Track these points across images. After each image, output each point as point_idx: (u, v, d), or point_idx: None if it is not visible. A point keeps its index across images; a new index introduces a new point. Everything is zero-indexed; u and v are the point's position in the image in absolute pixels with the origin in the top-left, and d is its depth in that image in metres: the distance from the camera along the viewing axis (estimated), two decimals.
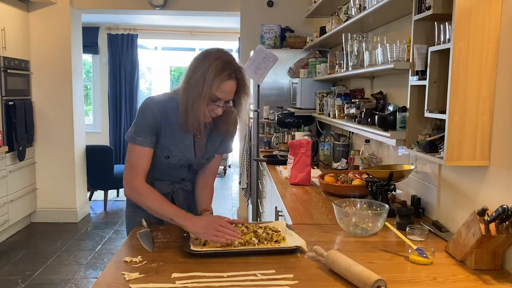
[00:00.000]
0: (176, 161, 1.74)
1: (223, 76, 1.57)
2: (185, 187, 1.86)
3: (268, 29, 4.36)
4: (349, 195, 2.23)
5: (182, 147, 1.73)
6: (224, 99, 1.62)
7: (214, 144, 1.81)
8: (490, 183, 1.54)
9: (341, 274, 1.32)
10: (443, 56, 1.60)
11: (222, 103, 1.63)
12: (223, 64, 1.58)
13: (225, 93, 1.60)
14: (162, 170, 1.77)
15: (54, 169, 4.91)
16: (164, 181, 1.80)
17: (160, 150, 1.71)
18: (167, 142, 1.70)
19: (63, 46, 4.79)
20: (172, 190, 1.82)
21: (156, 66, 8.59)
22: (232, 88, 1.61)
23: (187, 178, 1.85)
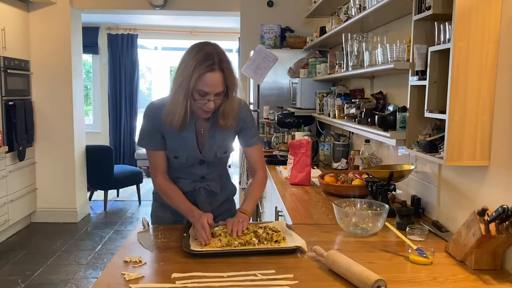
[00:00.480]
0: (185, 160, 1.76)
1: (202, 67, 1.54)
2: (208, 186, 1.85)
3: (268, 29, 4.36)
4: (349, 195, 2.23)
5: (186, 146, 1.74)
6: (211, 92, 1.58)
7: (220, 135, 1.76)
8: (490, 183, 1.54)
9: (341, 274, 1.32)
10: (443, 56, 1.60)
11: (211, 97, 1.59)
12: (204, 56, 1.55)
13: (208, 85, 1.56)
14: (180, 169, 1.80)
15: (54, 169, 4.91)
16: (185, 179, 1.83)
17: (169, 152, 1.77)
18: (172, 143, 1.75)
19: (63, 46, 4.79)
20: (194, 188, 1.83)
21: (156, 66, 8.59)
22: (215, 80, 1.56)
23: (208, 177, 1.84)
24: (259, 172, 1.86)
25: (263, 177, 1.87)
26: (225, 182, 1.94)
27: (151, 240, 1.63)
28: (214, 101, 1.60)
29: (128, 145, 7.64)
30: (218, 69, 1.56)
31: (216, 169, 1.85)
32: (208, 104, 1.60)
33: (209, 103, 1.60)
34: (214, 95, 1.59)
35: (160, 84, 8.58)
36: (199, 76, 1.55)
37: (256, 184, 1.85)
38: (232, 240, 1.55)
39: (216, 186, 1.86)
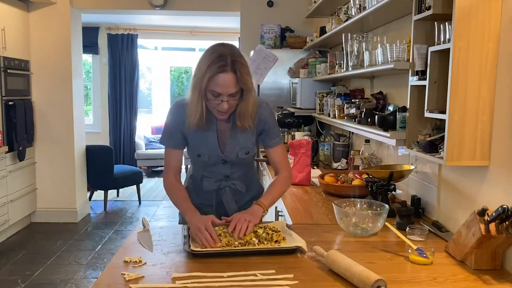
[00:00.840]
0: (207, 159, 1.77)
1: (214, 68, 1.55)
2: (233, 185, 1.85)
3: (268, 29, 4.36)
4: (349, 195, 2.23)
5: (207, 145, 1.76)
6: (223, 93, 1.58)
7: (242, 136, 1.76)
8: (490, 183, 1.54)
9: (341, 274, 1.32)
10: (443, 56, 1.60)
11: (225, 98, 1.59)
12: (217, 57, 1.56)
13: (220, 86, 1.57)
14: (204, 167, 1.83)
15: (54, 169, 4.90)
16: (210, 178, 1.84)
17: (192, 150, 1.80)
18: (193, 142, 1.78)
19: (63, 46, 4.79)
20: (218, 187, 1.84)
21: (156, 66, 8.59)
22: (226, 81, 1.56)
23: (232, 176, 1.84)
24: (283, 171, 1.84)
25: (286, 176, 1.84)
26: (251, 182, 1.94)
27: (151, 240, 1.63)
28: (227, 102, 1.60)
29: (128, 145, 7.64)
30: (230, 70, 1.56)
31: (240, 169, 1.85)
32: (221, 104, 1.60)
33: (223, 103, 1.60)
34: (228, 96, 1.59)
35: (160, 84, 8.58)
36: (211, 76, 1.56)
37: (277, 181, 1.82)
38: (232, 240, 1.55)
39: (241, 185, 1.87)
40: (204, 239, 1.51)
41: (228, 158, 1.78)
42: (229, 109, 1.64)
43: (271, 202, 1.76)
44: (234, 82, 1.57)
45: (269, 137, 1.81)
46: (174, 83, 9.15)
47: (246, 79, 1.59)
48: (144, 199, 6.08)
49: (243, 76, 1.58)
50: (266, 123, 1.78)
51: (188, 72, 9.11)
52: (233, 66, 1.56)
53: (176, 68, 9.15)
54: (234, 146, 1.76)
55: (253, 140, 1.80)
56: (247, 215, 1.62)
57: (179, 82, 9.37)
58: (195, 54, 8.41)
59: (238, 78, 1.57)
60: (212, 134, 1.75)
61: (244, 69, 1.59)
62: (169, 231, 1.73)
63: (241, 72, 1.57)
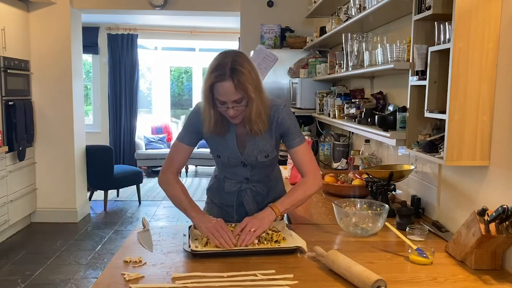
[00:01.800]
0: (227, 160, 1.79)
1: (211, 77, 1.58)
2: (254, 188, 1.85)
3: (268, 29, 4.36)
4: (349, 195, 2.23)
5: (227, 147, 1.77)
6: (226, 100, 1.59)
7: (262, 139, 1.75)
8: (490, 183, 1.54)
9: (341, 274, 1.32)
10: (443, 56, 1.60)
11: (229, 105, 1.60)
12: (216, 66, 1.59)
13: (220, 94, 1.59)
14: (225, 168, 1.85)
15: (54, 169, 4.90)
16: (232, 180, 1.86)
17: (212, 151, 1.83)
18: (213, 143, 1.80)
19: (63, 46, 4.79)
20: (239, 189, 1.85)
21: (156, 66, 8.59)
22: (225, 90, 1.57)
23: (252, 179, 1.84)
24: (306, 176, 1.76)
25: (310, 180, 1.74)
26: (273, 185, 1.93)
27: (151, 240, 1.63)
28: (233, 109, 1.61)
29: (128, 145, 7.64)
30: (228, 79, 1.56)
31: (260, 172, 1.84)
32: (228, 111, 1.62)
33: (228, 110, 1.61)
34: (232, 102, 1.60)
35: (160, 84, 8.58)
36: (210, 85, 1.59)
37: (301, 184, 1.75)
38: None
39: (262, 188, 1.86)
40: (222, 238, 1.52)
41: (247, 161, 1.79)
42: (238, 115, 1.64)
43: (287, 208, 1.70)
44: (233, 90, 1.57)
45: (289, 138, 1.78)
46: (174, 83, 9.15)
47: (245, 87, 1.57)
48: (144, 199, 6.08)
49: (242, 83, 1.57)
50: (284, 126, 1.75)
51: (188, 72, 9.12)
52: (231, 74, 1.56)
53: (176, 68, 9.16)
54: (253, 149, 1.77)
55: (273, 144, 1.78)
56: (256, 221, 1.60)
57: (179, 82, 9.37)
58: (195, 54, 8.42)
59: (236, 85, 1.57)
60: (231, 137, 1.76)
61: (243, 76, 1.57)
62: (169, 231, 1.74)
63: (239, 80, 1.56)
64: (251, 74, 1.60)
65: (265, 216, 1.63)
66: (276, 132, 1.76)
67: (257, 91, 1.62)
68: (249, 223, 1.59)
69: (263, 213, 1.65)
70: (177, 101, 9.17)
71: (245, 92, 1.59)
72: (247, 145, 1.76)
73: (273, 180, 1.93)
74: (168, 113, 8.62)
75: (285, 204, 1.69)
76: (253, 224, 1.58)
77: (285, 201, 1.70)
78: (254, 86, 1.60)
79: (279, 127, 1.75)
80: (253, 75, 1.60)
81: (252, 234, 1.55)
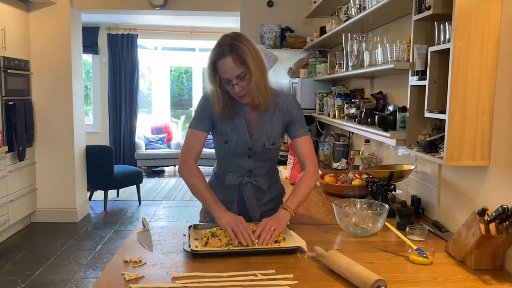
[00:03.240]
0: (235, 145, 1.79)
1: (213, 55, 1.64)
2: (255, 182, 1.86)
3: (268, 29, 4.36)
4: (349, 195, 2.23)
5: (236, 130, 1.78)
6: (230, 77, 1.63)
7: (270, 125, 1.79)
8: (490, 183, 1.54)
9: (341, 274, 1.32)
10: (443, 56, 1.60)
11: (234, 81, 1.63)
12: (217, 44, 1.66)
13: (223, 72, 1.63)
14: (229, 160, 1.85)
15: (54, 169, 4.91)
16: (233, 173, 1.86)
17: (220, 137, 1.81)
18: (223, 127, 1.80)
19: (63, 46, 4.79)
20: (240, 182, 1.86)
21: (156, 66, 8.59)
22: (226, 66, 1.61)
23: (255, 172, 1.86)
24: (308, 167, 1.81)
25: (312, 172, 1.80)
26: (273, 181, 1.95)
27: (151, 240, 1.63)
28: (238, 85, 1.64)
29: (128, 145, 7.64)
30: (227, 55, 1.61)
31: (264, 165, 1.87)
32: (233, 89, 1.65)
33: (234, 87, 1.65)
34: (236, 79, 1.63)
35: (160, 84, 8.58)
36: (212, 63, 1.64)
37: (301, 180, 1.79)
38: (232, 240, 1.55)
39: (263, 183, 1.88)
40: (241, 234, 1.54)
41: (254, 147, 1.80)
42: (244, 92, 1.66)
43: (299, 204, 1.74)
44: (234, 65, 1.61)
45: (295, 128, 1.82)
46: (174, 83, 9.15)
47: (243, 60, 1.61)
48: (144, 199, 6.08)
49: (240, 57, 1.60)
50: (292, 114, 1.80)
51: (188, 72, 9.11)
52: (230, 50, 1.61)
53: (176, 68, 9.15)
54: (262, 135, 1.79)
55: (280, 131, 1.82)
56: (273, 222, 1.62)
57: (179, 82, 9.37)
58: (195, 54, 8.41)
59: (235, 60, 1.60)
60: (241, 120, 1.78)
61: (241, 50, 1.61)
62: (169, 231, 1.74)
63: (238, 54, 1.60)
64: (250, 49, 1.63)
65: (281, 216, 1.66)
66: (284, 119, 1.81)
67: (257, 66, 1.65)
68: (268, 223, 1.61)
69: (278, 214, 1.67)
70: (177, 101, 9.17)
71: (244, 65, 1.62)
72: (256, 130, 1.79)
73: (272, 177, 1.95)
74: (168, 113, 8.62)
75: (295, 202, 1.72)
76: (271, 225, 1.60)
77: (294, 199, 1.73)
78: (254, 61, 1.63)
79: (288, 114, 1.80)
80: (252, 52, 1.64)
81: (272, 233, 1.57)
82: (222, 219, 1.63)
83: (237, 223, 1.59)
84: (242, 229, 1.57)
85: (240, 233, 1.55)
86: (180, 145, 7.79)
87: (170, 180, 7.40)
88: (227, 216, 1.63)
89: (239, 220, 1.61)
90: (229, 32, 1.69)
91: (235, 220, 1.60)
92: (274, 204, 1.94)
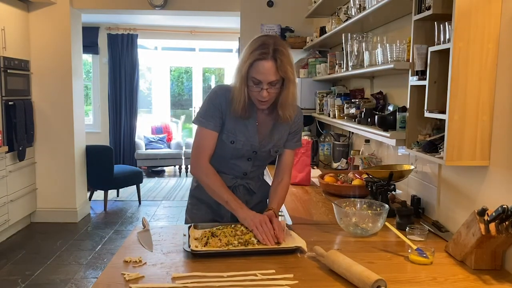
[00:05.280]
0: (241, 146, 1.77)
1: (254, 54, 1.59)
2: (247, 184, 1.87)
3: (268, 29, 4.36)
4: (349, 195, 2.23)
5: (245, 132, 1.76)
6: (263, 80, 1.60)
7: (278, 133, 1.79)
8: (490, 183, 1.54)
9: (341, 274, 1.32)
10: (443, 56, 1.60)
11: (265, 85, 1.61)
12: (260, 43, 1.61)
13: (260, 73, 1.59)
14: (227, 161, 1.82)
15: (54, 169, 4.91)
16: (228, 175, 1.85)
17: (226, 136, 1.77)
18: (231, 127, 1.76)
19: (63, 46, 4.79)
20: (234, 184, 1.85)
21: (156, 66, 8.59)
22: (266, 69, 1.58)
23: (250, 175, 1.86)
24: (286, 178, 1.87)
25: (289, 182, 1.89)
26: (262, 183, 1.96)
27: (151, 240, 1.63)
28: (267, 90, 1.61)
29: (128, 145, 7.64)
30: (270, 58, 1.58)
31: (258, 169, 1.88)
32: (261, 92, 1.62)
33: (263, 91, 1.62)
34: (268, 84, 1.61)
35: (160, 84, 8.58)
36: (252, 63, 1.60)
37: (281, 186, 1.85)
38: (232, 240, 1.55)
39: (254, 185, 1.89)
40: (265, 234, 1.55)
41: (259, 151, 1.79)
42: (269, 98, 1.65)
43: (280, 207, 1.83)
44: (274, 70, 1.59)
45: (293, 139, 1.85)
46: (174, 83, 9.15)
47: (286, 68, 1.60)
48: (144, 199, 6.08)
49: (283, 64, 1.59)
50: (298, 126, 1.85)
51: (188, 72, 9.12)
52: (274, 54, 1.59)
53: (176, 68, 9.16)
54: (270, 141, 1.79)
55: (284, 140, 1.83)
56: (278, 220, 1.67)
57: (179, 82, 9.37)
58: (195, 54, 8.42)
59: (278, 66, 1.59)
60: (253, 122, 1.76)
61: (285, 58, 1.60)
62: (169, 231, 1.73)
63: (281, 60, 1.59)
64: (290, 59, 1.63)
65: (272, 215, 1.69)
66: (290, 130, 1.83)
67: (294, 78, 1.65)
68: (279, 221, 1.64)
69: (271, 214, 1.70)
70: (177, 101, 9.17)
71: (285, 74, 1.61)
72: (265, 135, 1.79)
73: (261, 180, 1.97)
74: (168, 113, 8.62)
75: (279, 205, 1.83)
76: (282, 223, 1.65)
77: (279, 202, 1.83)
78: (293, 72, 1.63)
79: (294, 125, 1.83)
80: (292, 63, 1.64)
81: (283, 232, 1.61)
82: (246, 219, 1.63)
83: (262, 223, 1.59)
84: (266, 230, 1.57)
85: (263, 233, 1.56)
86: (180, 145, 7.79)
87: (170, 180, 7.40)
88: (251, 216, 1.63)
89: (264, 220, 1.61)
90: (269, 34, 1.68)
91: (260, 219, 1.61)
92: (261, 206, 1.93)
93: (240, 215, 1.67)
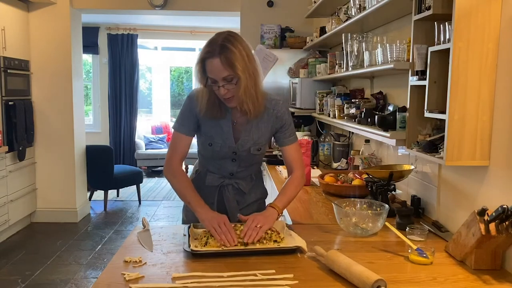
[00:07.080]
0: (219, 148, 1.76)
1: (203, 53, 1.60)
2: (236, 184, 1.85)
3: (268, 29, 4.36)
4: (349, 195, 2.23)
5: (221, 133, 1.75)
6: (216, 78, 1.59)
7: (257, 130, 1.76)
8: (490, 183, 1.54)
9: (341, 274, 1.32)
10: (443, 56, 1.60)
11: (220, 83, 1.60)
12: (208, 41, 1.62)
13: (210, 71, 1.59)
14: (212, 161, 1.82)
15: (54, 169, 4.91)
16: (215, 174, 1.85)
17: (204, 138, 1.78)
18: (207, 129, 1.76)
19: (63, 46, 4.79)
20: (221, 184, 1.84)
21: (156, 66, 8.59)
22: (213, 67, 1.57)
23: (237, 175, 1.84)
24: (296, 171, 1.82)
25: (300, 175, 1.82)
26: (256, 184, 1.92)
27: (151, 240, 1.63)
28: (224, 87, 1.60)
29: (128, 145, 7.64)
30: (216, 55, 1.57)
31: (247, 169, 1.85)
32: (219, 90, 1.62)
33: (220, 89, 1.61)
34: (222, 80, 1.59)
35: (160, 84, 8.58)
36: (199, 62, 1.61)
37: (290, 181, 1.80)
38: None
39: (245, 186, 1.86)
40: (223, 235, 1.53)
41: (239, 151, 1.77)
42: (230, 95, 1.63)
43: (286, 204, 1.76)
44: (221, 67, 1.57)
45: (285, 135, 1.80)
46: (174, 83, 9.16)
47: (232, 64, 1.56)
48: (144, 199, 6.08)
49: (229, 61, 1.56)
50: (282, 120, 1.78)
51: (188, 72, 9.12)
52: (220, 51, 1.56)
53: (176, 68, 9.16)
54: (248, 140, 1.76)
55: (267, 137, 1.80)
56: (261, 217, 1.61)
57: (179, 82, 9.37)
58: (195, 54, 8.41)
59: (223, 62, 1.56)
60: (227, 123, 1.74)
61: (232, 54, 1.56)
62: (169, 231, 1.73)
63: (226, 57, 1.56)
64: (242, 53, 1.59)
65: (270, 214, 1.65)
66: (273, 126, 1.78)
67: (248, 71, 1.60)
68: (254, 219, 1.59)
69: (266, 212, 1.66)
70: (177, 101, 9.17)
71: (232, 70, 1.57)
72: (242, 134, 1.75)
73: (255, 180, 1.92)
74: (168, 113, 8.62)
75: (283, 202, 1.74)
76: (258, 221, 1.59)
77: (282, 199, 1.74)
78: (244, 66, 1.58)
79: (278, 121, 1.77)
80: (244, 56, 1.59)
81: (259, 230, 1.56)
82: (204, 220, 1.61)
83: (220, 223, 1.56)
84: (224, 230, 1.54)
85: (222, 234, 1.53)
86: None
87: None
88: (209, 217, 1.60)
89: (222, 220, 1.58)
90: (224, 30, 1.65)
91: (218, 220, 1.58)
92: (258, 206, 1.91)
93: (199, 216, 1.64)
